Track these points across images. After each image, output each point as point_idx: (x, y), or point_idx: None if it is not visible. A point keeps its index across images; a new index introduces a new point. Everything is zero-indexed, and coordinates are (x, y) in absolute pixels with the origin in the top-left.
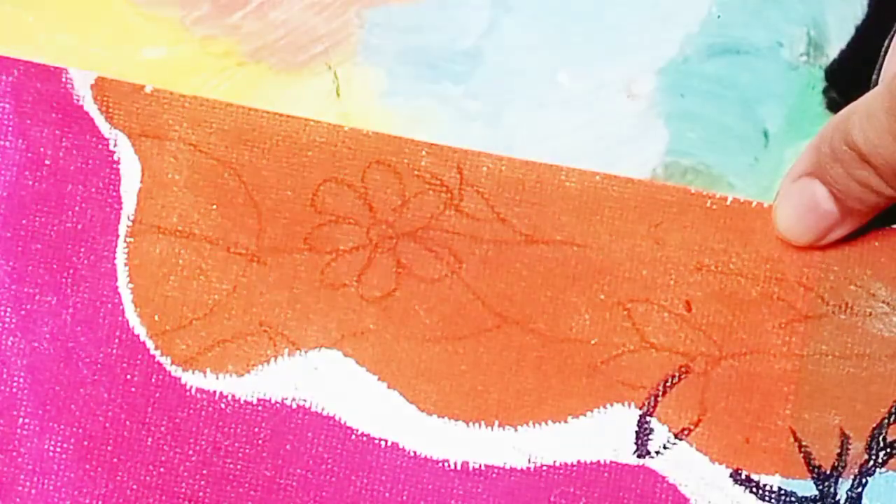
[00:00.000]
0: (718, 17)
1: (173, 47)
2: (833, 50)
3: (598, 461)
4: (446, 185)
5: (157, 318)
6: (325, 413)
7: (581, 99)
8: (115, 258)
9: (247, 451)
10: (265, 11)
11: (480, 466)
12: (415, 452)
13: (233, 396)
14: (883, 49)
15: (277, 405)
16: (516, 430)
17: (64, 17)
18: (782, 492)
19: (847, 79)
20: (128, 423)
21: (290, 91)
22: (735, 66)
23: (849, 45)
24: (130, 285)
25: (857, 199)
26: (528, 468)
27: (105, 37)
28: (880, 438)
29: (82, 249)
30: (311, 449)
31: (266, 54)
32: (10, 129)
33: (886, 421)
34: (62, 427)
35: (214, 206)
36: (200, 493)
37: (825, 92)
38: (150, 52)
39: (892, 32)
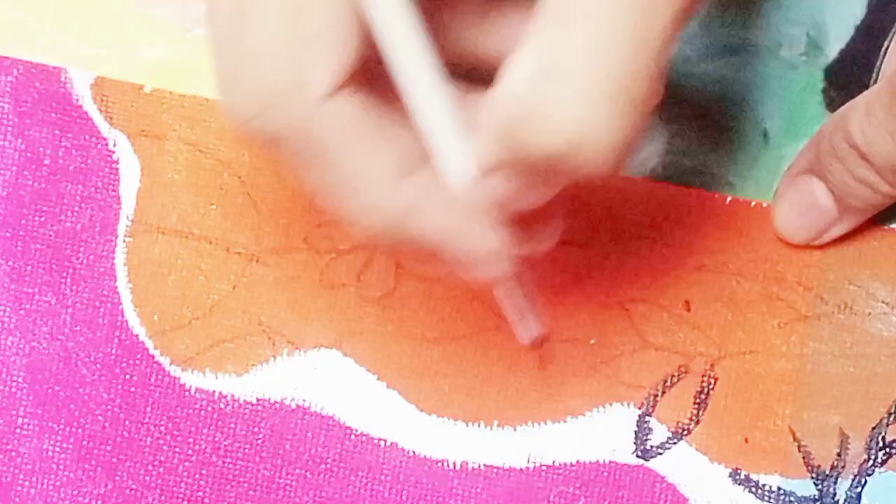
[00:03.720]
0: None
1: (173, 47)
2: (832, 50)
3: (598, 461)
4: None
5: (156, 317)
6: (324, 413)
7: None
8: (114, 258)
9: (246, 450)
10: None
11: (480, 466)
12: (414, 452)
13: (232, 396)
14: (883, 49)
15: (276, 405)
16: (515, 430)
17: (64, 17)
18: (781, 491)
19: (847, 79)
20: (127, 422)
21: None
22: (735, 66)
23: (848, 45)
24: (129, 285)
25: (855, 197)
26: (528, 468)
27: (105, 37)
28: (879, 438)
29: (81, 249)
30: (310, 448)
31: None
32: (10, 128)
33: (886, 421)
34: (61, 427)
35: (214, 206)
36: (199, 493)
37: (825, 92)
38: (150, 52)
39: (892, 32)
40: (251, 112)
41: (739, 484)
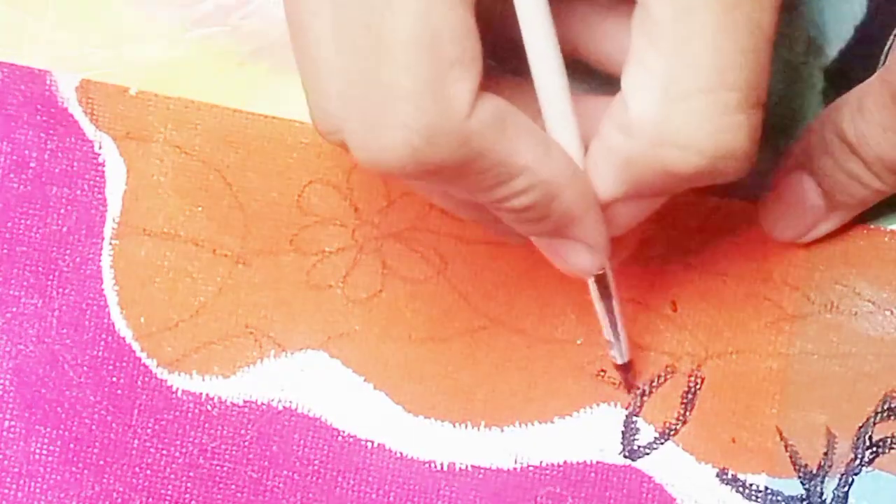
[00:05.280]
0: None
1: (173, 47)
2: (833, 50)
3: (585, 461)
4: None
5: (142, 320)
6: (311, 414)
7: None
8: (100, 260)
9: (233, 452)
10: (265, 11)
11: (467, 467)
12: (401, 453)
13: (219, 398)
14: (885, 48)
15: (264, 407)
16: (503, 431)
17: (63, 17)
18: (769, 491)
19: (847, 79)
20: (114, 425)
21: (289, 91)
22: None
23: (848, 45)
24: (116, 287)
25: (845, 193)
26: (515, 468)
27: (105, 37)
28: (866, 437)
29: (67, 252)
30: (297, 450)
31: (266, 54)
32: None
33: (872, 420)
34: (48, 429)
35: (200, 208)
36: (187, 495)
37: (825, 92)
38: (150, 53)
39: (894, 32)
40: (409, 150)
41: (727, 484)
